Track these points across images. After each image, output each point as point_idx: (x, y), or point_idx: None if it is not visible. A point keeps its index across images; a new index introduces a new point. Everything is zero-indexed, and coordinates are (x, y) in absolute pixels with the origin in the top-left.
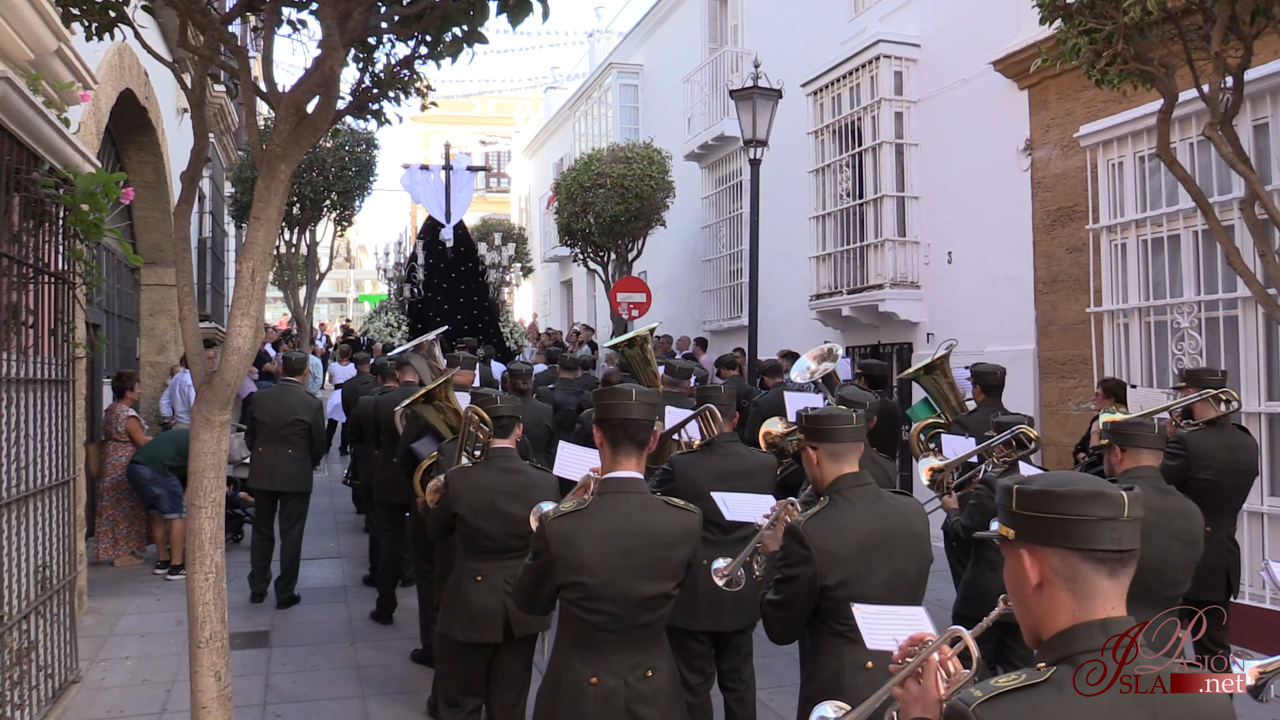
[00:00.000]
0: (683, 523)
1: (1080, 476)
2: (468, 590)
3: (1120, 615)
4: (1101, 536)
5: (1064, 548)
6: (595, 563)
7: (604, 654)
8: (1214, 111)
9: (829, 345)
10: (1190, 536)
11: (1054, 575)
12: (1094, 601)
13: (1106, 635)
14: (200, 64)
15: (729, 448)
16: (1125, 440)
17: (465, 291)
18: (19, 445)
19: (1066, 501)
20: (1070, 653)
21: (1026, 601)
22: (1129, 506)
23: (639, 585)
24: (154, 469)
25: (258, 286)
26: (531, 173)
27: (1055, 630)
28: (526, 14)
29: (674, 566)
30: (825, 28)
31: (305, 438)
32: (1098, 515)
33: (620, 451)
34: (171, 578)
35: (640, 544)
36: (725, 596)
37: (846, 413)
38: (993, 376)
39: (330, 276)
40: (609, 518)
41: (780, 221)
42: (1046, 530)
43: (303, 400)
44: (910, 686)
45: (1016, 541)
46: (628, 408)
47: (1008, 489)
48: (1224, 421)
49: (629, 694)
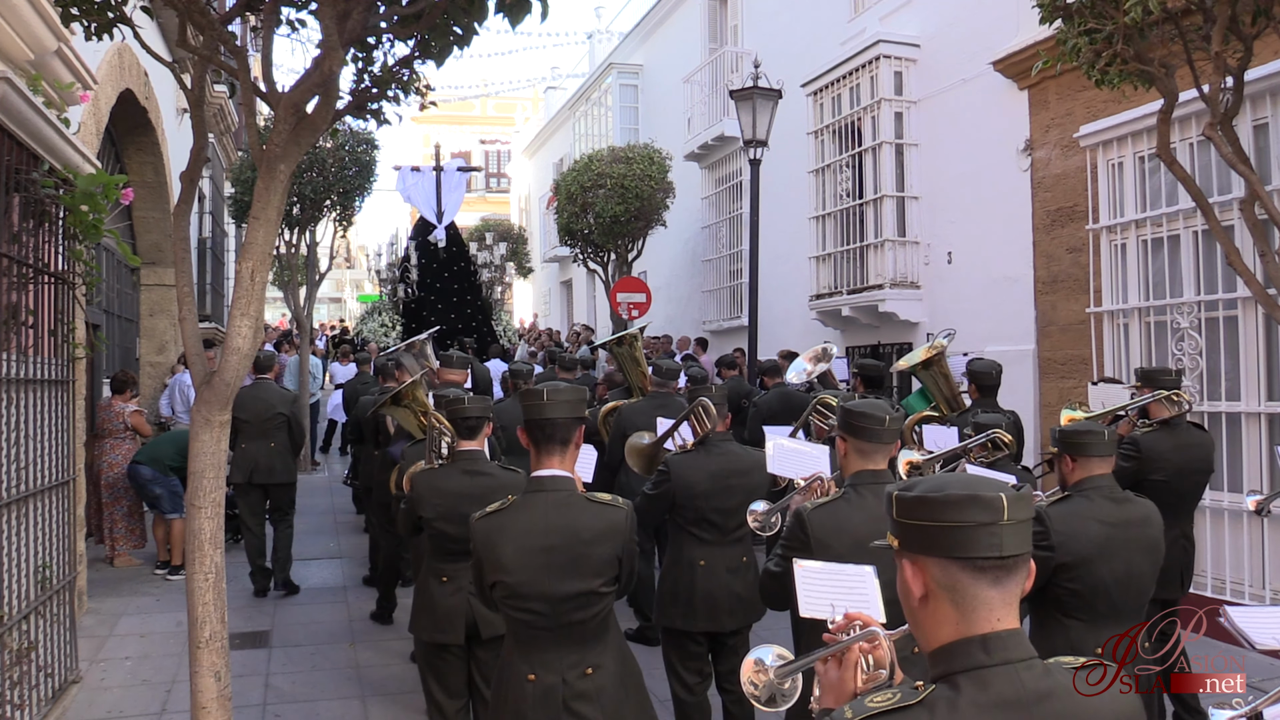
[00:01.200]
0: (606, 519)
1: (959, 479)
2: (433, 591)
3: (1007, 628)
4: (979, 543)
5: (943, 557)
6: (513, 561)
7: (540, 651)
8: (1214, 111)
9: (824, 346)
10: (1151, 542)
11: (936, 586)
12: (977, 614)
13: (987, 651)
14: (200, 64)
15: (723, 446)
16: (1076, 450)
17: (459, 291)
18: (19, 445)
19: (941, 508)
20: (950, 670)
21: (914, 613)
22: (1009, 509)
23: (560, 583)
24: (155, 468)
25: (257, 286)
26: (531, 173)
27: (939, 644)
28: (526, 13)
29: (598, 563)
30: (825, 28)
31: (285, 430)
32: (975, 520)
33: (543, 451)
34: (171, 578)
35: (559, 542)
36: (722, 598)
37: (881, 414)
38: (988, 376)
39: (330, 277)
40: (528, 517)
41: (780, 221)
42: (924, 539)
43: (279, 394)
44: (831, 669)
45: (900, 551)
46: (543, 407)
47: (890, 495)
48: (1178, 421)
49: (567, 691)
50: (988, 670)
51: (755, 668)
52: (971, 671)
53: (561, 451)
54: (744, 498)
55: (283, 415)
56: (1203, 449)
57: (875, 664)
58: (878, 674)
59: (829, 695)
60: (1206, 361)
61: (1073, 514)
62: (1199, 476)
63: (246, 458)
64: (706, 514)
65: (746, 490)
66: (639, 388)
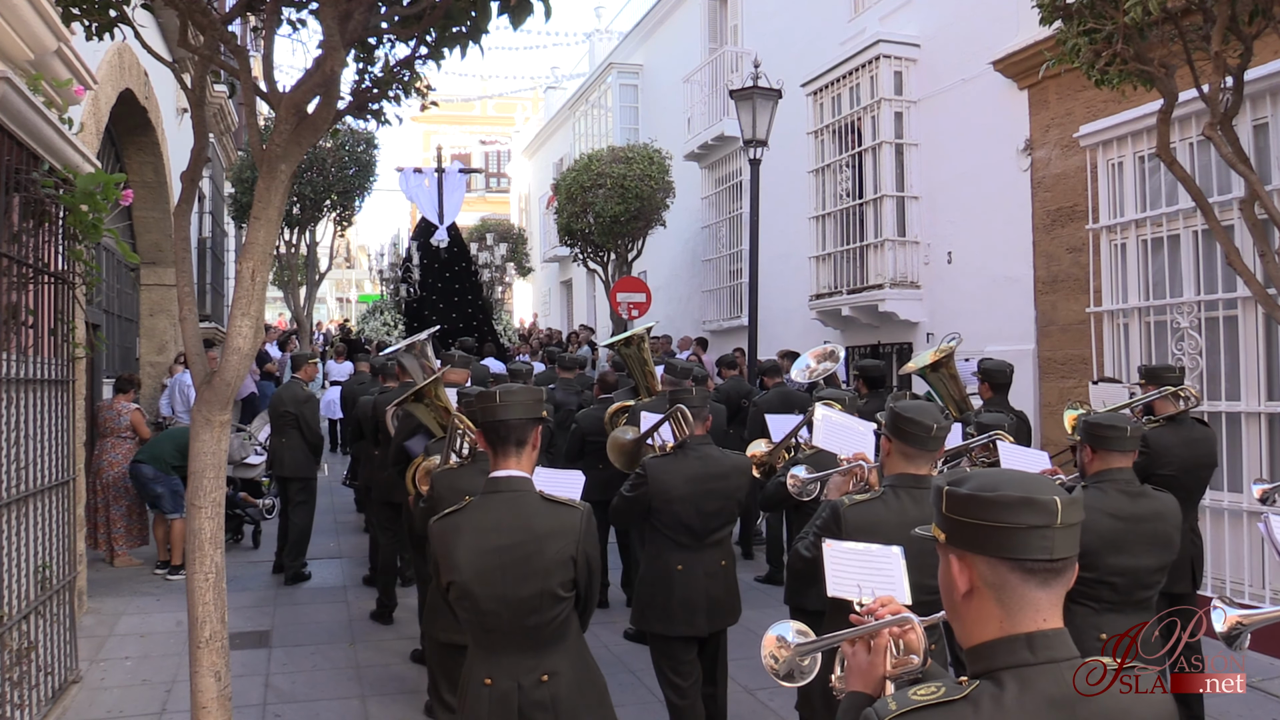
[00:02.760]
0: (560, 520)
1: (1012, 479)
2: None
3: (1053, 627)
4: (1032, 546)
5: (993, 556)
6: (465, 562)
7: (496, 655)
8: (1214, 111)
9: (830, 346)
10: (1164, 537)
11: (982, 584)
12: (1023, 614)
13: (1032, 650)
14: (200, 64)
15: (701, 450)
16: (1098, 442)
17: (459, 291)
18: (19, 445)
19: (995, 508)
20: (993, 667)
21: (956, 608)
22: (1063, 513)
23: (514, 585)
24: (156, 467)
25: (258, 286)
26: (531, 173)
27: (982, 640)
28: (528, 14)
29: (549, 563)
30: (825, 28)
31: (296, 427)
32: (1028, 523)
33: (500, 452)
34: (171, 578)
35: (511, 542)
36: (701, 601)
37: (930, 421)
38: (1001, 375)
39: (330, 276)
40: (482, 517)
41: (780, 221)
42: (975, 537)
43: (291, 393)
44: (860, 652)
45: (947, 545)
46: (497, 409)
47: (939, 489)
48: (1183, 417)
49: (523, 698)
50: (1033, 668)
51: (777, 643)
52: (1016, 669)
53: (518, 452)
54: (722, 502)
55: (291, 413)
56: (1208, 444)
57: (906, 649)
58: (908, 659)
59: (856, 678)
60: (1206, 361)
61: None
62: (1204, 471)
63: (274, 451)
64: (684, 518)
65: (724, 494)
66: (646, 388)
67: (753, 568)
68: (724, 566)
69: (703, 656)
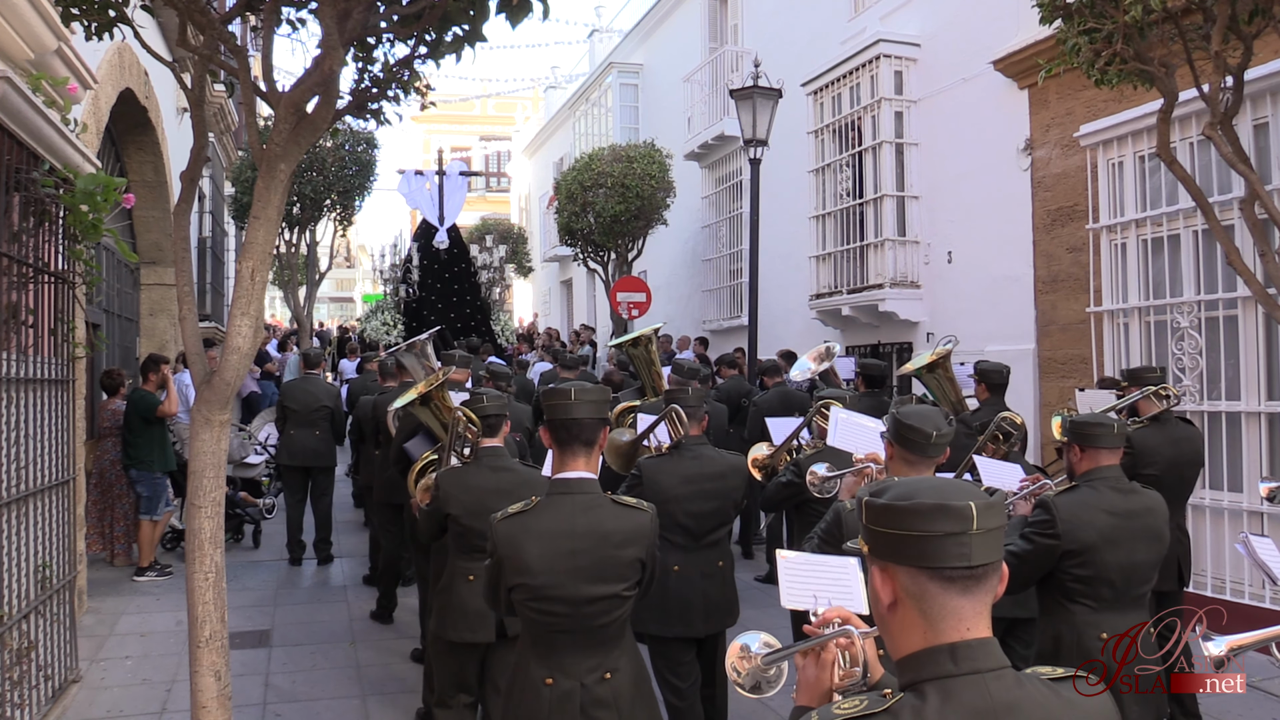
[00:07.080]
0: (633, 522)
1: (928, 485)
2: (460, 590)
3: (977, 637)
4: (947, 554)
5: (912, 565)
6: (538, 564)
7: (559, 655)
8: (1214, 111)
9: (827, 345)
10: (1155, 532)
11: (905, 594)
12: (945, 623)
13: (955, 660)
14: (200, 64)
15: (697, 450)
16: (1085, 440)
17: (459, 291)
18: (19, 445)
19: (910, 516)
20: (917, 679)
21: (883, 620)
22: (979, 518)
23: (586, 587)
24: (140, 469)
25: (258, 286)
26: (531, 172)
27: (908, 652)
28: (526, 14)
29: (623, 567)
30: (825, 27)
31: (329, 420)
32: (943, 530)
33: (567, 452)
34: (138, 579)
35: (586, 545)
36: (698, 602)
37: (930, 428)
38: (997, 375)
39: (330, 276)
40: (553, 518)
41: (780, 221)
42: (893, 547)
43: (325, 389)
44: (809, 665)
45: (871, 557)
46: (570, 407)
47: (860, 500)
48: (1167, 416)
49: (585, 696)
50: (955, 679)
51: (740, 654)
52: (938, 680)
53: (586, 453)
54: (718, 502)
55: (327, 407)
56: (1193, 443)
57: (851, 661)
58: (853, 671)
59: (804, 692)
60: (1206, 361)
61: (1080, 504)
62: (1190, 470)
63: (294, 443)
64: (679, 519)
65: (721, 494)
66: (653, 388)
67: (753, 568)
68: (721, 567)
69: (701, 658)
